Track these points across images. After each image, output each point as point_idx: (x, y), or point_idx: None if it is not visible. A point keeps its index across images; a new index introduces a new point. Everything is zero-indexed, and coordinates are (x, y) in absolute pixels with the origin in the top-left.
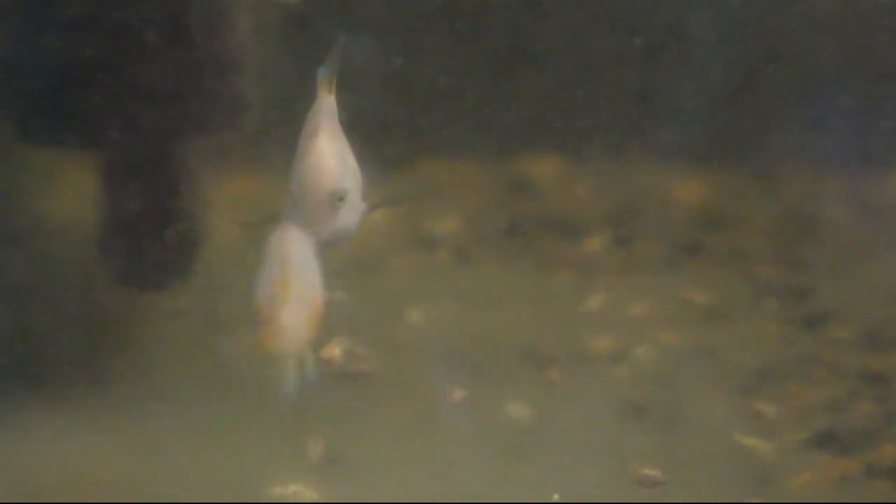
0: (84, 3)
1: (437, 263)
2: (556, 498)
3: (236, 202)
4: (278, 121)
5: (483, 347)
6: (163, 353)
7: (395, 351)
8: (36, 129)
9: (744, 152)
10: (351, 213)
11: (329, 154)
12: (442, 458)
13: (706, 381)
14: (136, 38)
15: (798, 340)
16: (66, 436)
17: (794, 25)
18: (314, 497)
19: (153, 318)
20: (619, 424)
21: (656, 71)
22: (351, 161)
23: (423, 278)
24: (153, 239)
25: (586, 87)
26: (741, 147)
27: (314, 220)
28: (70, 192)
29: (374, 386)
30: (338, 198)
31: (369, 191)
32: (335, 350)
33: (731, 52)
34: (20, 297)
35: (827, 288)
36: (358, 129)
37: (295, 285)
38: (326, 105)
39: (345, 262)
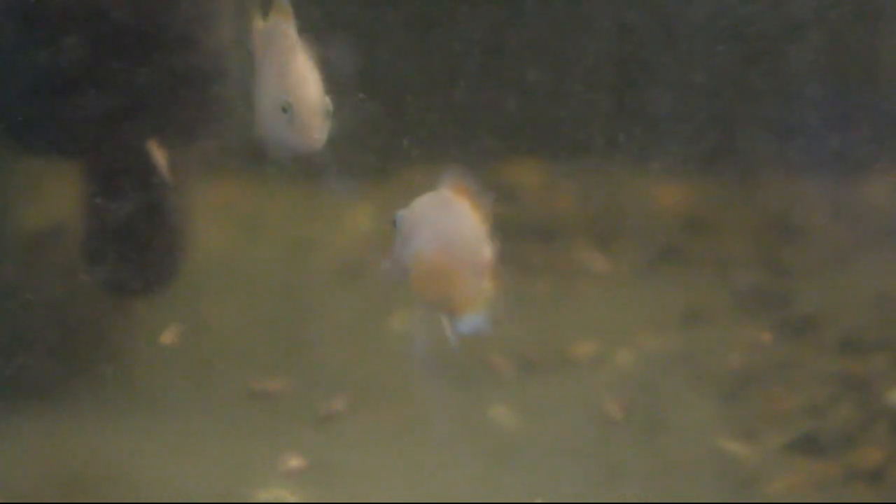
0: (72, 13)
1: None
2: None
3: (221, 209)
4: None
5: (466, 352)
6: (147, 357)
7: (379, 356)
8: (21, 136)
9: (724, 157)
10: (328, 126)
11: (313, 68)
12: (426, 463)
13: (688, 385)
14: (122, 45)
15: (778, 345)
16: (51, 440)
17: (773, 30)
18: (297, 500)
19: (138, 324)
20: (601, 429)
21: (638, 76)
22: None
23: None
24: (138, 245)
25: (568, 93)
26: (721, 152)
27: (308, 130)
28: (54, 199)
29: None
30: (328, 108)
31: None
32: None
33: (712, 57)
34: (6, 303)
35: (807, 292)
36: (339, 135)
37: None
38: (288, 29)
39: (328, 269)
